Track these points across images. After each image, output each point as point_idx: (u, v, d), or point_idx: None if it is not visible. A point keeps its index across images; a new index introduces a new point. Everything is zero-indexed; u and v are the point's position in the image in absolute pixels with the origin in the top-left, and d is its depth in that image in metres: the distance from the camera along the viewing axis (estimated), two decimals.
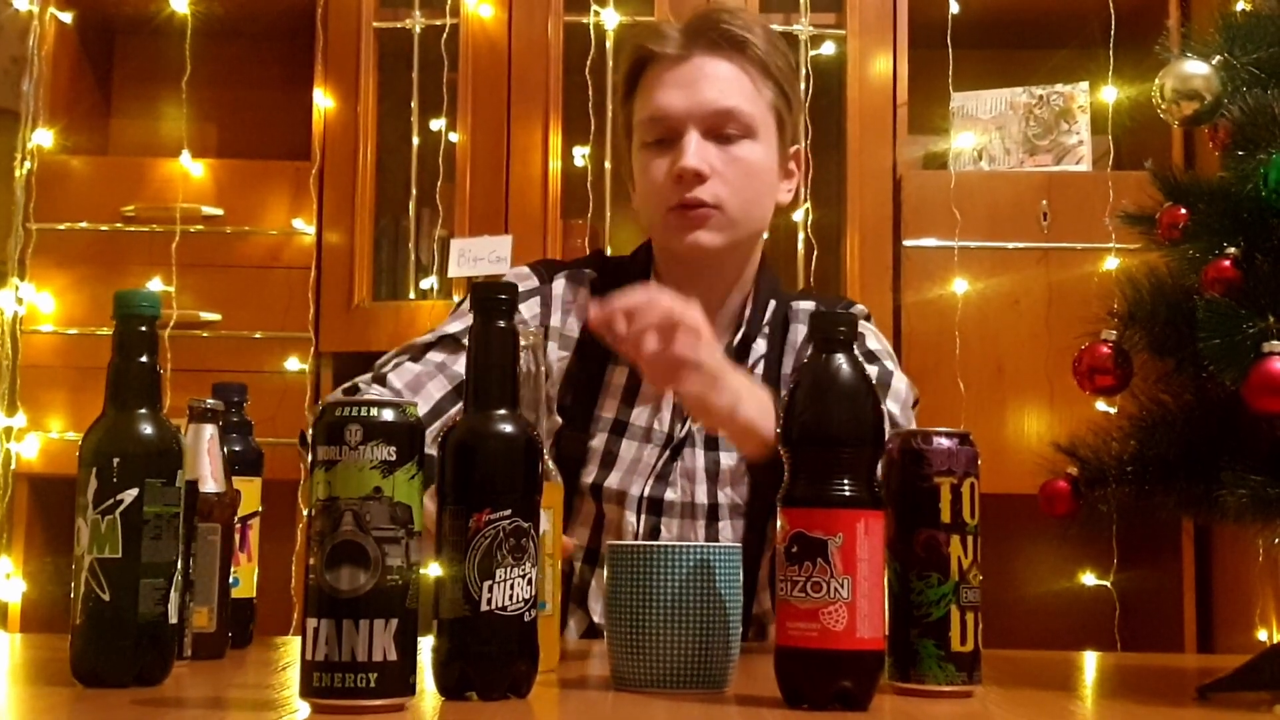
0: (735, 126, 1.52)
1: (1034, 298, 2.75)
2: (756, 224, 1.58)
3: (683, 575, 0.96)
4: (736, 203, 1.52)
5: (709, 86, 1.51)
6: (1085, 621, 2.81)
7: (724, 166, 1.51)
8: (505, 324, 0.94)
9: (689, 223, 1.51)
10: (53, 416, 2.77)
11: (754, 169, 1.54)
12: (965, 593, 0.96)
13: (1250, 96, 1.09)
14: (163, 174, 2.85)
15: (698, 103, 1.51)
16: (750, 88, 1.53)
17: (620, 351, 1.29)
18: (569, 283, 1.63)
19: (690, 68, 1.53)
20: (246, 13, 3.03)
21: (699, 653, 0.96)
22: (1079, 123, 2.89)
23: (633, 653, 0.97)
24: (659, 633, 0.96)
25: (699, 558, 0.97)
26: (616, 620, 0.98)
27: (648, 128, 1.54)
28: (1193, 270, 1.08)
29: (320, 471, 0.85)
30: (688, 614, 0.96)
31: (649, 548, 0.98)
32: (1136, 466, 1.11)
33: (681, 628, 0.96)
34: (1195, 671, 1.35)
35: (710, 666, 0.97)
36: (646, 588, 0.97)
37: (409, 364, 1.55)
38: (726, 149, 1.52)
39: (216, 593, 1.17)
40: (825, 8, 2.93)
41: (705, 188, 1.50)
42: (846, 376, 0.92)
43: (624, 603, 0.98)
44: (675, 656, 0.96)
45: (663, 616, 0.96)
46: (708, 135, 1.51)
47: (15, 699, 0.95)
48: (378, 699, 0.83)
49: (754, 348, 1.58)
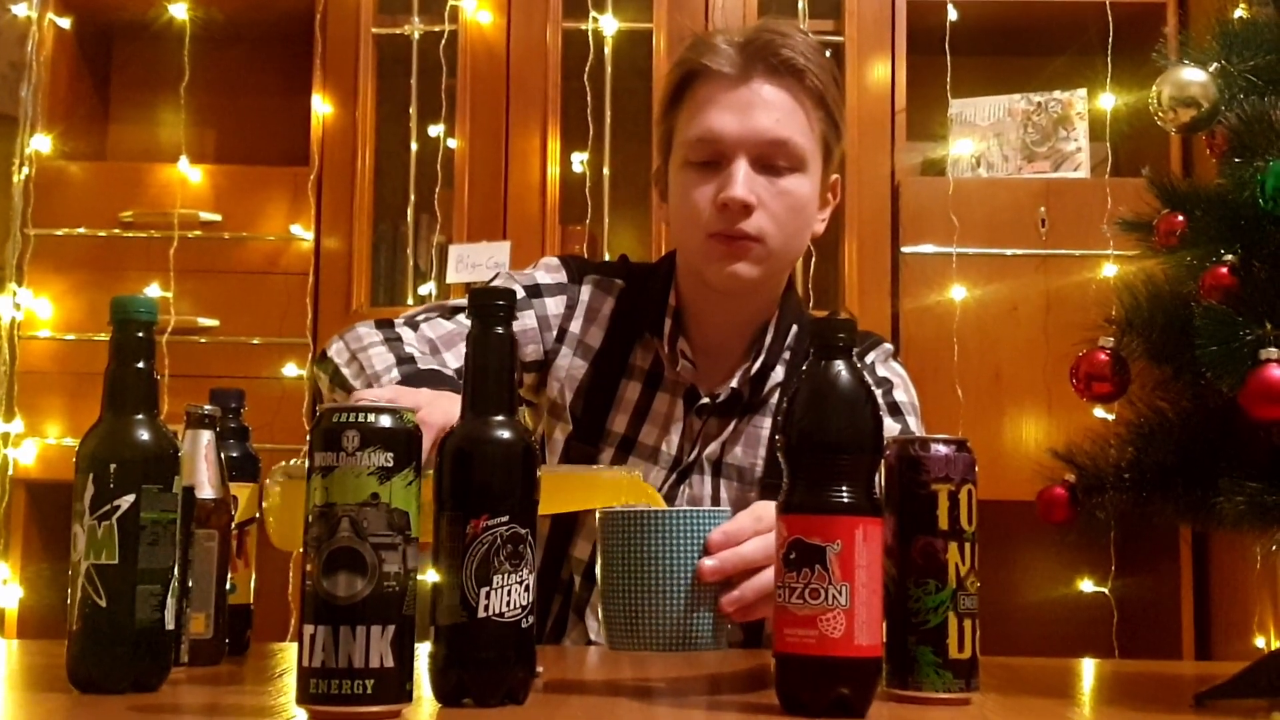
0: (786, 159, 1.46)
1: (1032, 304, 2.75)
2: (793, 257, 1.54)
3: (674, 539, 0.98)
4: (779, 236, 1.47)
5: (765, 115, 1.46)
6: (1083, 628, 2.81)
7: (771, 199, 1.46)
8: (503, 330, 0.94)
9: (730, 253, 1.46)
10: (50, 422, 2.77)
11: (799, 203, 1.48)
12: (963, 600, 0.96)
13: (1248, 104, 1.09)
14: (161, 179, 2.86)
15: (752, 130, 1.45)
16: (804, 120, 1.48)
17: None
18: (597, 289, 1.60)
19: (746, 92, 1.46)
20: (245, 18, 3.04)
21: (692, 614, 0.99)
22: (1077, 129, 2.89)
23: (627, 617, 0.99)
24: (652, 596, 0.98)
25: (689, 521, 0.99)
26: (611, 585, 1.00)
27: (694, 147, 1.48)
28: (1190, 277, 1.08)
29: (317, 477, 0.85)
30: (679, 577, 0.98)
31: (640, 513, 0.99)
32: (1134, 473, 1.11)
33: (674, 591, 0.98)
34: (1193, 679, 1.35)
35: (703, 628, 0.99)
36: (638, 552, 0.99)
37: (441, 320, 1.52)
38: (775, 181, 1.46)
39: (213, 599, 1.17)
40: (824, 14, 2.93)
41: (750, 220, 1.45)
42: (845, 383, 0.92)
43: (617, 568, 1.00)
44: (669, 619, 0.98)
45: (655, 580, 0.98)
46: (756, 164, 1.46)
47: (12, 705, 0.95)
48: (374, 706, 0.83)
49: (772, 375, 1.55)
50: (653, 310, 1.56)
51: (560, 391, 1.57)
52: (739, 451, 1.53)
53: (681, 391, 1.55)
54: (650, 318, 1.56)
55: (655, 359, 1.57)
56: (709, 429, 1.54)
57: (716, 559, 1.02)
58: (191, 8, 2.91)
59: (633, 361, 1.57)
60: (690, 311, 1.56)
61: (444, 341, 1.50)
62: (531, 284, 1.58)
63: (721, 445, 1.54)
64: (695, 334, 1.56)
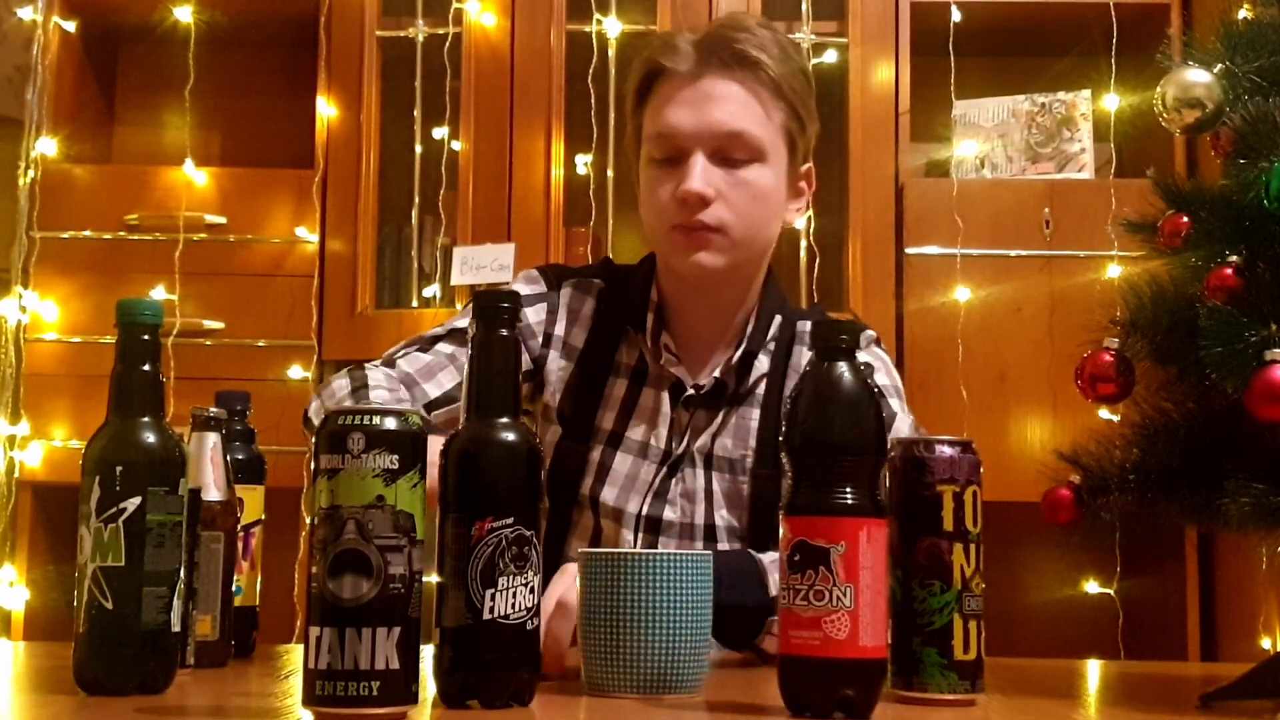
0: (743, 150, 1.50)
1: (1036, 305, 2.75)
2: (761, 245, 1.56)
3: (654, 582, 0.98)
4: (741, 226, 1.50)
5: (718, 108, 1.49)
6: (1088, 629, 2.81)
7: (730, 190, 1.49)
8: (507, 333, 0.94)
9: (691, 243, 1.50)
10: (56, 424, 2.77)
11: (760, 193, 1.51)
12: (968, 601, 0.96)
13: (1252, 104, 1.09)
14: (166, 182, 2.86)
15: (706, 124, 1.49)
16: (760, 111, 1.51)
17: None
18: (576, 291, 1.63)
19: (700, 88, 1.50)
20: (250, 21, 3.04)
21: (671, 658, 0.98)
22: (1081, 130, 2.89)
23: (606, 658, 0.98)
24: (631, 638, 0.98)
25: (670, 565, 0.99)
26: (590, 626, 1.00)
27: (655, 144, 1.53)
28: (1195, 278, 1.08)
29: (323, 480, 0.85)
30: (660, 620, 0.98)
31: (621, 555, 0.99)
32: (1139, 475, 1.11)
33: (654, 633, 0.98)
34: (1198, 680, 1.34)
35: (682, 671, 0.99)
36: (619, 594, 0.98)
37: (418, 354, 1.56)
38: (733, 173, 1.50)
39: (219, 601, 1.17)
40: (827, 15, 2.93)
41: (709, 211, 1.48)
42: (848, 385, 0.92)
43: (597, 609, 0.99)
44: (648, 662, 0.98)
45: (635, 623, 0.98)
46: (714, 157, 1.49)
47: (18, 707, 0.95)
48: (380, 707, 0.83)
49: (756, 364, 1.56)
50: (635, 307, 1.59)
51: (552, 394, 1.59)
52: (728, 443, 1.55)
53: (667, 385, 1.57)
54: (633, 314, 1.59)
55: (640, 355, 1.59)
56: (697, 421, 1.55)
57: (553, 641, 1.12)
58: (196, 11, 2.91)
59: (618, 359, 1.59)
60: (671, 306, 1.59)
61: (422, 374, 1.54)
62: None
63: (711, 437, 1.55)
64: (677, 328, 1.58)
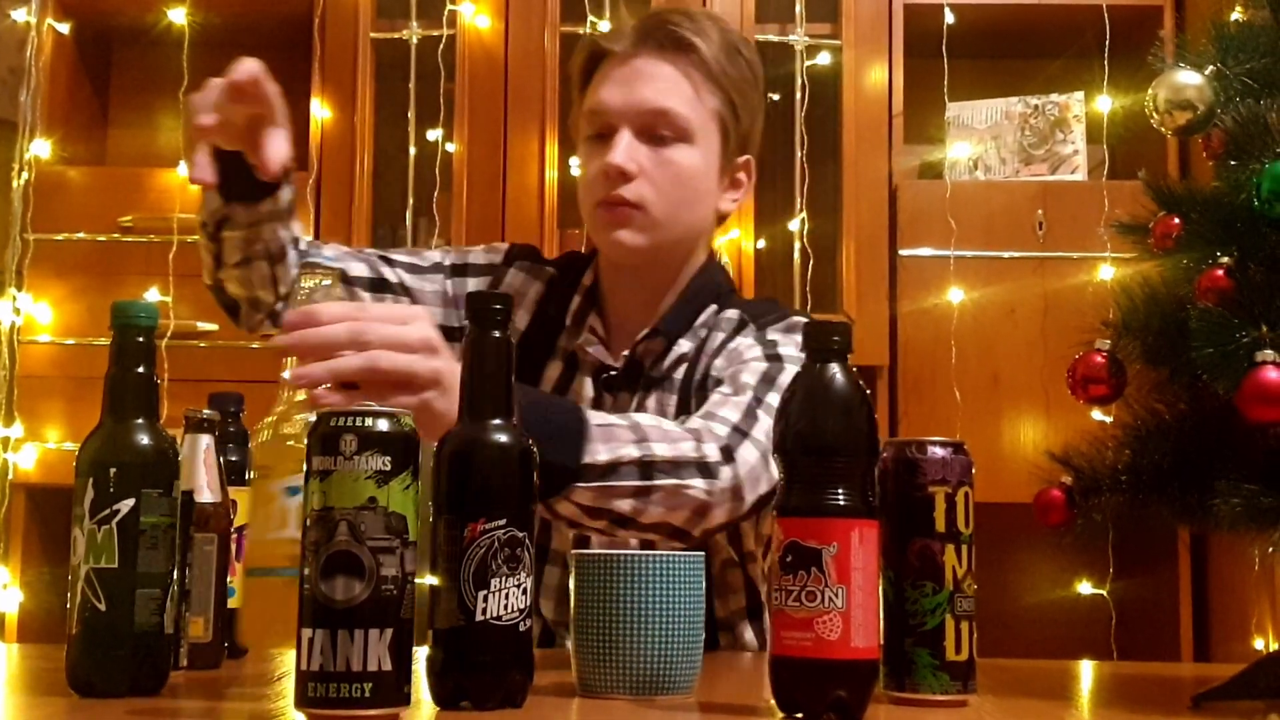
0: (669, 128, 1.50)
1: (1030, 307, 2.76)
2: (686, 229, 1.55)
3: (646, 583, 0.98)
4: (662, 205, 1.50)
5: (646, 86, 1.51)
6: (1081, 630, 2.81)
7: (653, 168, 1.50)
8: (500, 334, 0.94)
9: (612, 220, 1.51)
10: (50, 426, 2.77)
11: (685, 173, 1.52)
12: (960, 602, 0.96)
13: (1243, 106, 1.09)
14: (160, 184, 2.86)
15: (633, 101, 1.50)
16: (690, 92, 1.52)
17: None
18: (523, 273, 1.64)
19: (632, 66, 1.52)
20: (243, 23, 3.04)
21: (663, 659, 0.98)
22: (1074, 132, 2.90)
23: (598, 659, 0.98)
24: (624, 640, 0.98)
25: (662, 566, 0.99)
26: (583, 628, 1.00)
27: (587, 121, 1.55)
28: (1186, 280, 1.08)
29: (315, 481, 0.85)
30: (651, 621, 0.98)
31: (613, 556, 0.99)
32: (1131, 476, 1.11)
33: (646, 634, 0.98)
34: (1191, 680, 1.35)
35: (674, 672, 0.99)
36: (611, 595, 0.98)
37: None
38: (658, 150, 1.50)
39: (212, 603, 1.17)
40: (821, 18, 2.93)
41: (631, 187, 1.49)
42: (840, 386, 0.92)
43: (589, 611, 0.99)
44: (640, 662, 0.98)
45: (627, 624, 0.98)
46: (641, 135, 1.50)
47: (11, 709, 0.95)
48: (373, 709, 0.83)
49: (676, 348, 1.53)
50: (570, 291, 1.60)
51: None
52: None
53: (591, 370, 1.57)
54: (560, 296, 1.60)
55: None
56: (620, 404, 1.54)
57: (287, 338, 1.04)
58: (190, 13, 2.91)
59: (559, 344, 1.60)
60: (604, 289, 1.60)
61: (339, 259, 1.57)
62: (462, 262, 1.65)
63: None
64: (609, 310, 1.59)
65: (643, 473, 1.22)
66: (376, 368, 1.07)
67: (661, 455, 1.22)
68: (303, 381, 1.04)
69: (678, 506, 1.24)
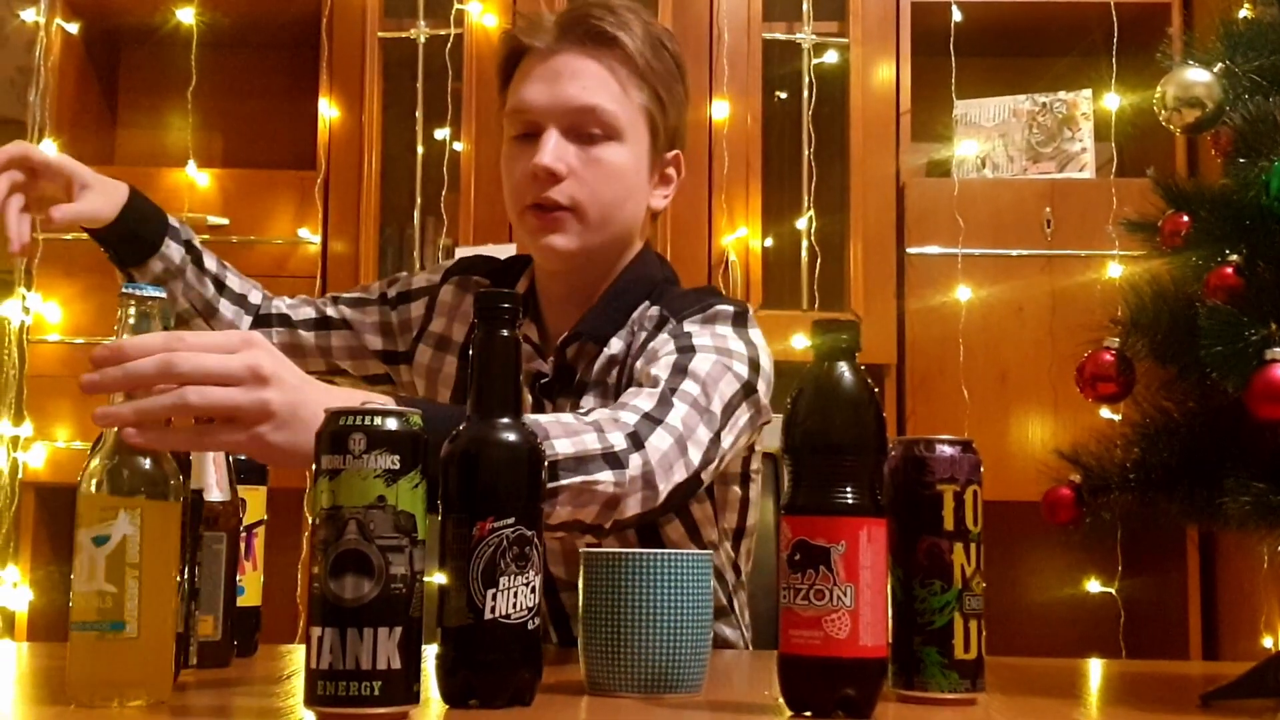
0: (597, 126, 1.46)
1: (1038, 305, 2.75)
2: (619, 228, 1.51)
3: (654, 581, 0.98)
4: (595, 205, 1.47)
5: (572, 83, 1.46)
6: (1090, 629, 2.81)
7: (583, 167, 1.46)
8: (508, 333, 0.94)
9: (543, 225, 1.46)
10: (59, 426, 2.77)
11: (616, 171, 1.47)
12: (968, 600, 0.96)
13: (1252, 104, 1.09)
14: (169, 184, 2.86)
15: (559, 99, 1.45)
16: (617, 88, 1.47)
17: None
18: (454, 288, 1.62)
19: (555, 63, 1.47)
20: (251, 23, 3.04)
21: (671, 657, 0.98)
22: (1082, 130, 2.89)
23: (607, 658, 0.99)
24: (633, 638, 0.98)
25: (670, 564, 0.99)
26: (591, 626, 1.00)
27: (511, 120, 1.50)
28: (1195, 277, 1.08)
29: (324, 480, 0.85)
30: (660, 619, 0.98)
31: (621, 554, 0.99)
32: (1139, 474, 1.11)
33: (654, 633, 0.98)
34: (1200, 679, 1.34)
35: (682, 670, 0.99)
36: (620, 594, 0.98)
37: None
38: (587, 149, 1.46)
39: (222, 601, 1.17)
40: (828, 16, 2.93)
41: (561, 188, 1.45)
42: (848, 385, 0.92)
43: (598, 609, 1.00)
44: (648, 661, 0.98)
45: (636, 622, 0.98)
46: (569, 134, 1.46)
47: (21, 708, 0.95)
48: (382, 707, 0.83)
49: (606, 349, 1.49)
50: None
51: (429, 387, 1.60)
52: None
53: (528, 378, 1.51)
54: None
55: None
56: (559, 410, 1.48)
57: (89, 376, 0.94)
58: (198, 12, 2.92)
59: None
60: (540, 293, 1.56)
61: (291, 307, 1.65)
62: (405, 289, 1.66)
63: None
64: (545, 315, 1.56)
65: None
66: (186, 405, 0.96)
67: (564, 453, 1.15)
68: (105, 422, 0.94)
69: (586, 504, 1.17)
